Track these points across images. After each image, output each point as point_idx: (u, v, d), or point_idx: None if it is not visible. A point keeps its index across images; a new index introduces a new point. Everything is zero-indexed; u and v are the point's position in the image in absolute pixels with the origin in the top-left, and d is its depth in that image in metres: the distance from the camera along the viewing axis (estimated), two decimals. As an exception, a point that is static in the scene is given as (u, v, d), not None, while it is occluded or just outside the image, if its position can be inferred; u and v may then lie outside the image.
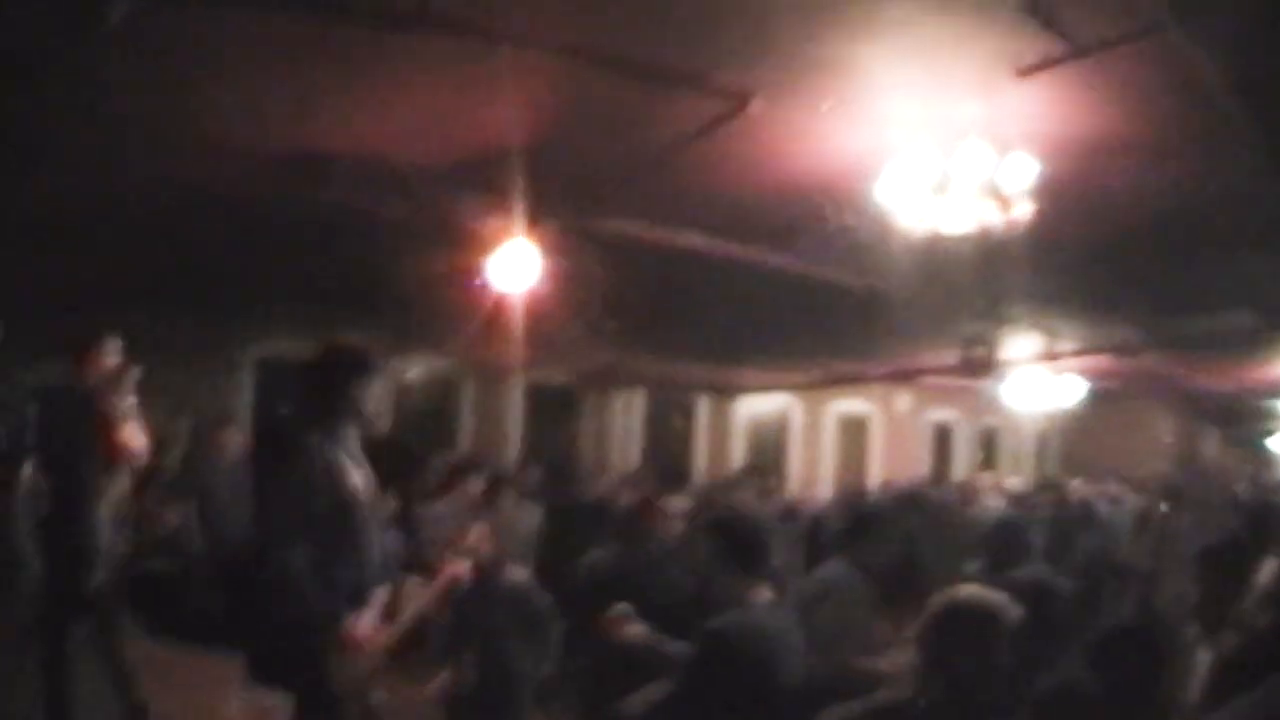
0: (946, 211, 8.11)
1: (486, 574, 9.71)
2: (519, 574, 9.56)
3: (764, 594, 6.86)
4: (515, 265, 10.85)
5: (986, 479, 18.63)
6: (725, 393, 20.82)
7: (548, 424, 19.56)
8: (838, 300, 12.67)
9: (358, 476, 6.11)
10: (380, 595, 6.61)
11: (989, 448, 23.62)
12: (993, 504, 15.20)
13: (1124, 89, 7.56)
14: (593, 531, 11.06)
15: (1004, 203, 7.96)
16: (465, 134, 9.28)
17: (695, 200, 10.49)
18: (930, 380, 20.03)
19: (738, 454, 20.93)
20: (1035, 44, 7.10)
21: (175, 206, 10.67)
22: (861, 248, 9.91)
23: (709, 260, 11.98)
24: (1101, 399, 19.52)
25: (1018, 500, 15.68)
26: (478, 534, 10.68)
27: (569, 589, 9.23)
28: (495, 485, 13.33)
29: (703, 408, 20.91)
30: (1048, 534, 11.19)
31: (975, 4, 6.84)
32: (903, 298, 11.76)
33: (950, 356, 17.19)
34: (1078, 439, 22.35)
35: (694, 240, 11.61)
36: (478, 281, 11.08)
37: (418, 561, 11.04)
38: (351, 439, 6.21)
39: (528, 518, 13.06)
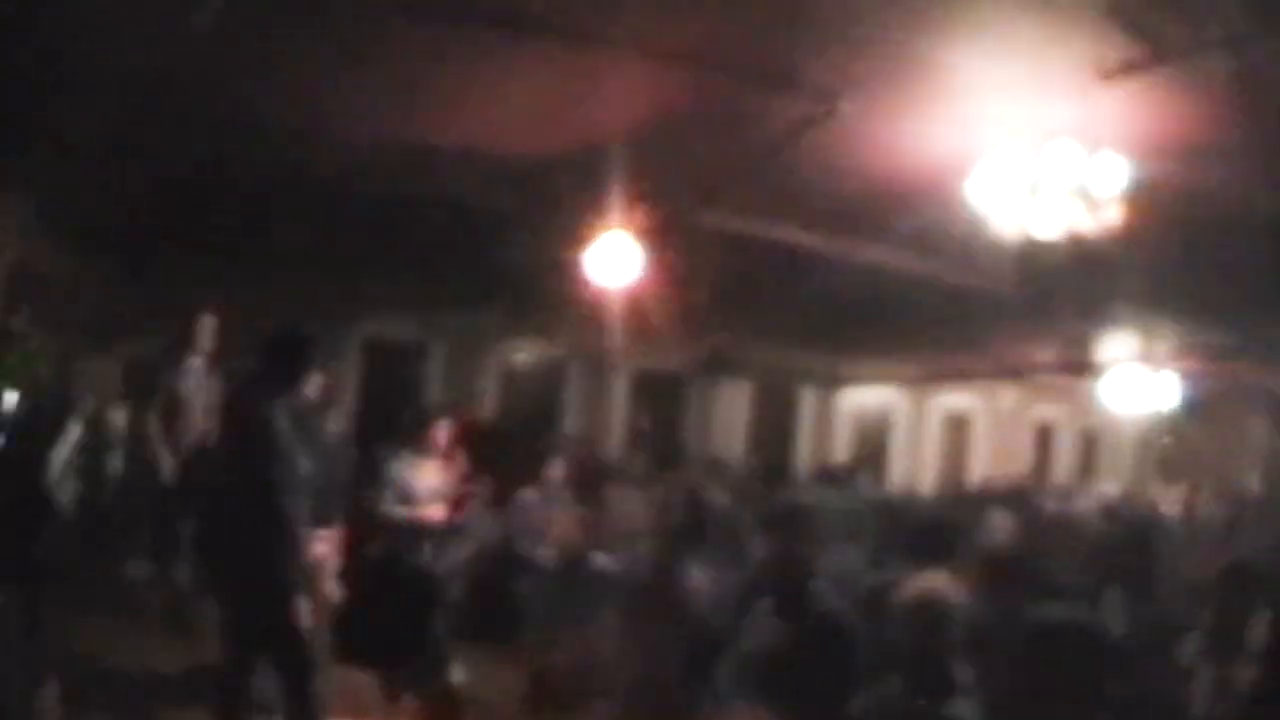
0: (1037, 213, 8.13)
1: (573, 560, 9.92)
2: (605, 561, 9.70)
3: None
4: (617, 256, 11.01)
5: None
6: (830, 384, 20.80)
7: (653, 412, 19.60)
8: (939, 296, 12.68)
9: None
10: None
11: (1089, 448, 23.31)
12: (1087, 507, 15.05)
13: (1208, 94, 7.57)
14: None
15: (1094, 205, 7.97)
16: (570, 130, 9.50)
17: (794, 195, 10.57)
18: (1035, 378, 19.89)
19: (841, 447, 20.92)
20: (1120, 48, 7.15)
21: (292, 194, 10.98)
22: (959, 245, 9.93)
23: (811, 254, 12.07)
24: (1198, 403, 19.23)
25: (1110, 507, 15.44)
26: (566, 521, 10.92)
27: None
28: (594, 473, 13.42)
29: (807, 399, 20.92)
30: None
31: (1061, 7, 6.90)
32: (1002, 295, 11.75)
33: (1051, 354, 17.12)
34: (1174, 444, 22.04)
35: (796, 234, 11.72)
36: (583, 271, 11.25)
37: (510, 548, 11.28)
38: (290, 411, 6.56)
39: (629, 505, 13.09)
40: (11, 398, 10.11)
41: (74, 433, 10.31)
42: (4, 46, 8.10)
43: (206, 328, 9.94)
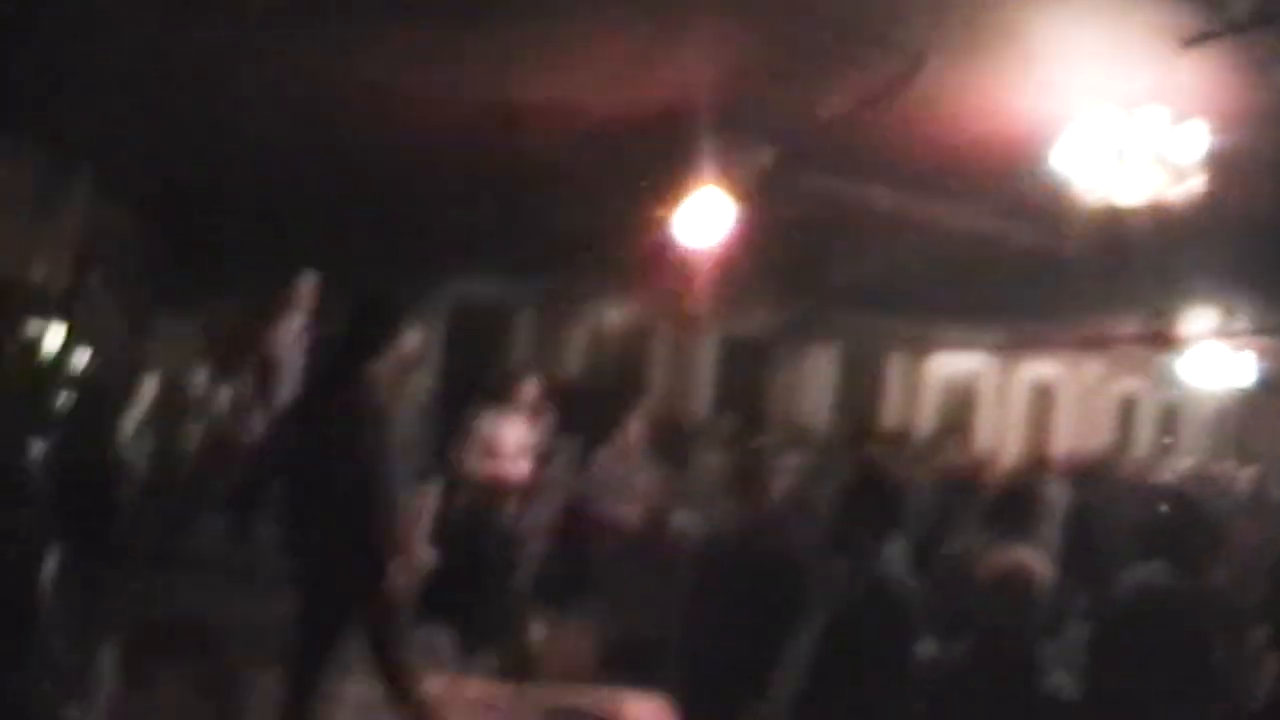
0: (1122, 181, 8.06)
1: (653, 523, 9.97)
2: (687, 521, 9.72)
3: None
4: (706, 216, 10.98)
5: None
6: (918, 350, 20.73)
7: (739, 375, 19.62)
8: (1025, 262, 12.60)
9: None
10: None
11: (1170, 422, 23.07)
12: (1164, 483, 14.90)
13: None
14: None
15: (1177, 174, 7.89)
16: (658, 87, 9.45)
17: (881, 155, 10.49)
18: (1119, 350, 19.70)
19: (928, 411, 20.86)
20: (1200, 16, 7.09)
21: (376, 155, 11.07)
22: (1044, 211, 9.87)
23: (899, 216, 12.02)
24: (1275, 382, 18.96)
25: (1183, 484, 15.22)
26: (648, 481, 10.95)
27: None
28: (679, 435, 13.45)
29: (895, 365, 20.86)
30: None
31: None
32: (1087, 263, 11.65)
33: (1135, 327, 16.92)
34: (1254, 421, 21.73)
35: (884, 195, 11.67)
36: (670, 231, 11.25)
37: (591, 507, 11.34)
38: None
39: (715, 467, 13.07)
40: (83, 357, 10.23)
41: (148, 392, 10.45)
42: (72, 13, 8.23)
43: (307, 288, 10.00)
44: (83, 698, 6.10)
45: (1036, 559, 5.58)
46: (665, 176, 10.86)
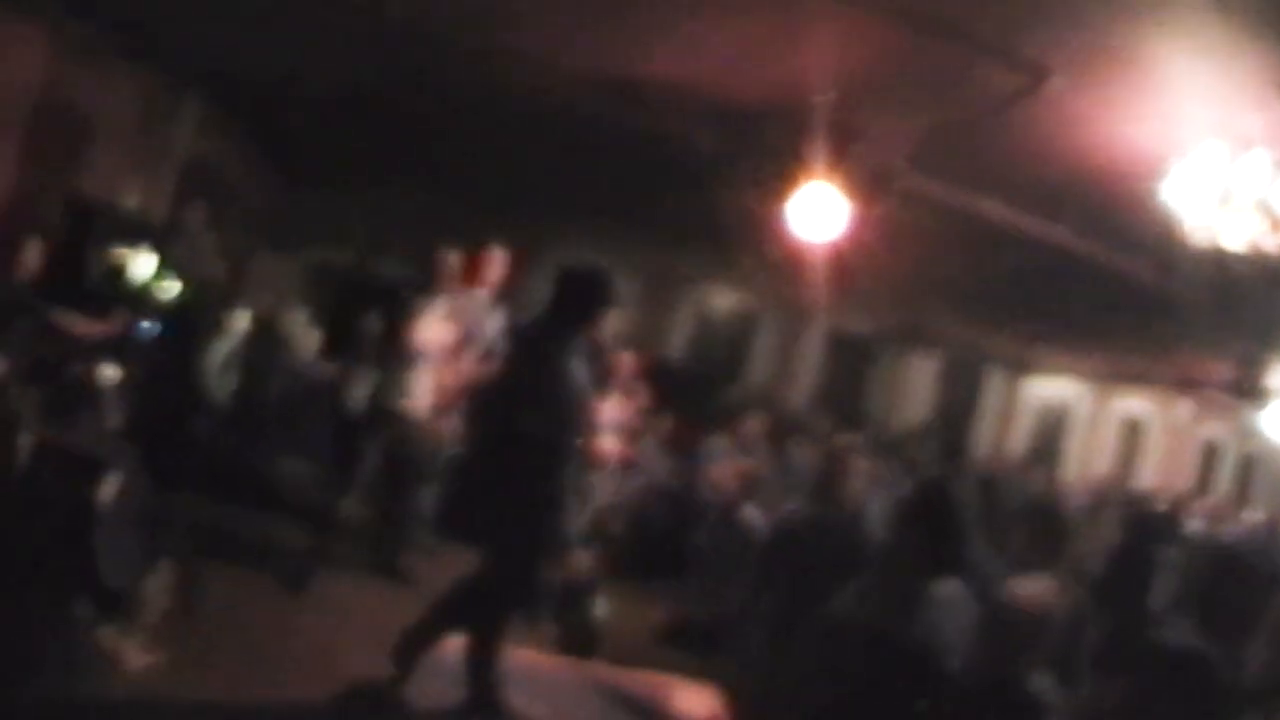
0: (1227, 223, 8.05)
1: (726, 510, 10.06)
2: (753, 514, 9.79)
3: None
4: (820, 210, 11.01)
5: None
6: (1017, 369, 20.63)
7: (841, 372, 19.63)
8: (1129, 293, 12.54)
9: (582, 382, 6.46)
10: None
11: (1248, 473, 22.75)
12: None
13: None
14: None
15: (1277, 223, 7.87)
16: (780, 75, 9.48)
17: (996, 168, 10.51)
18: (1209, 394, 19.51)
19: (1020, 433, 20.80)
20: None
21: (491, 116, 11.24)
22: (1153, 244, 9.85)
23: (1011, 231, 12.02)
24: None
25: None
26: (734, 469, 11.03)
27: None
28: (779, 427, 13.47)
29: (993, 381, 20.79)
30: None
31: (1260, 17, 6.84)
32: (1188, 303, 11.59)
33: (1226, 370, 16.75)
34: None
35: (998, 209, 11.67)
36: (785, 222, 11.31)
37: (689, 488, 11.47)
38: (581, 351, 6.52)
39: (807, 462, 13.02)
40: (174, 288, 10.39)
41: (238, 328, 10.62)
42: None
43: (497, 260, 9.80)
44: (128, 620, 6.21)
45: (1051, 593, 5.62)
46: (783, 167, 10.89)
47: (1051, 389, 21.21)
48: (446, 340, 8.95)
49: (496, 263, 9.24)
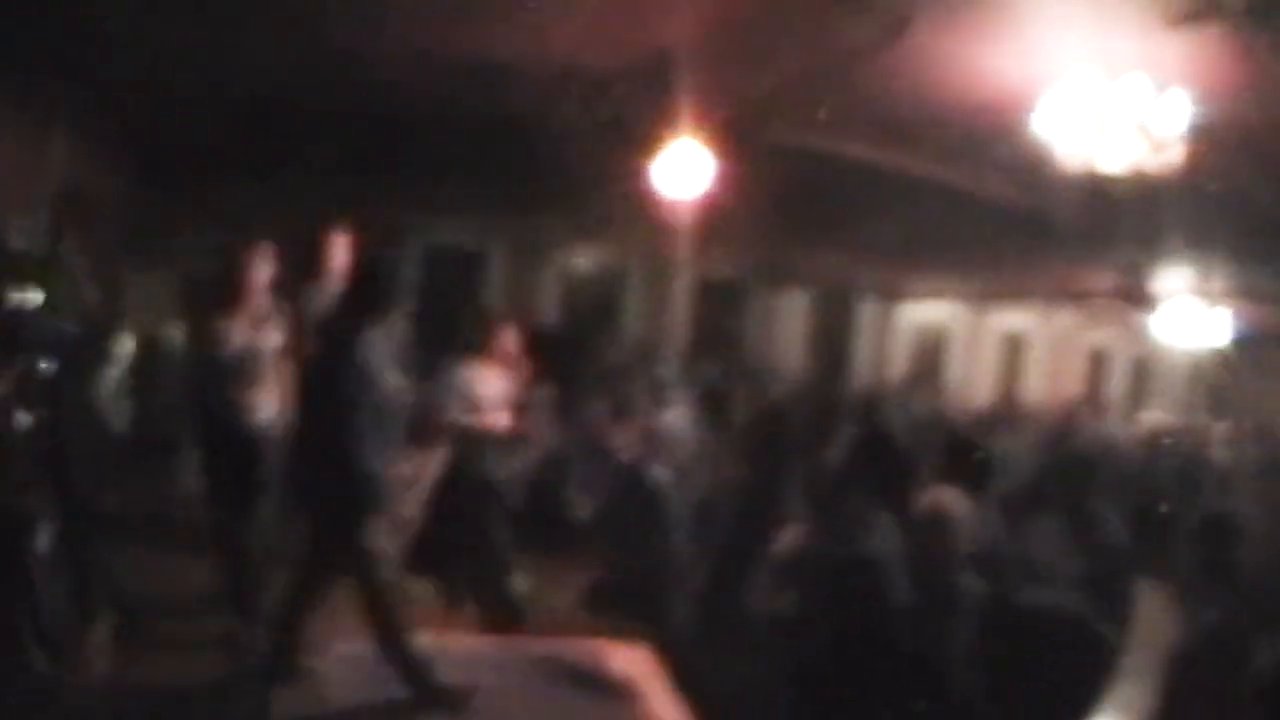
0: (1103, 147, 8.13)
1: (633, 473, 10.02)
2: (663, 474, 9.75)
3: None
4: (684, 165, 11.01)
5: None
6: (889, 298, 20.80)
7: (713, 319, 19.61)
8: (1001, 215, 12.69)
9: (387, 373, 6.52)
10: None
11: (1141, 378, 23.17)
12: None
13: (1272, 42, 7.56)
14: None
15: (1158, 144, 7.96)
16: (638, 36, 9.59)
17: (862, 111, 10.59)
18: (1091, 303, 19.86)
19: (898, 360, 20.96)
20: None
21: (351, 105, 11.07)
22: (1024, 168, 9.93)
23: (876, 169, 12.08)
24: (1249, 342, 19.13)
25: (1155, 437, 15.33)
26: (627, 434, 11.00)
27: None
28: (658, 388, 13.46)
29: (866, 312, 20.92)
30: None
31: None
32: (1064, 219, 11.75)
33: (1109, 280, 17.08)
34: (1223, 380, 21.84)
35: (862, 148, 11.73)
36: (647, 179, 11.27)
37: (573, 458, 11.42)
38: (383, 338, 6.58)
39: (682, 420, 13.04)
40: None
41: (124, 351, 10.39)
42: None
43: (339, 245, 9.57)
44: (76, 667, 6.10)
45: (957, 500, 5.80)
46: (645, 124, 10.85)
47: (927, 313, 21.37)
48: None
49: (339, 247, 9.08)
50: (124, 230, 13.24)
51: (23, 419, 7.11)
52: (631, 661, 7.49)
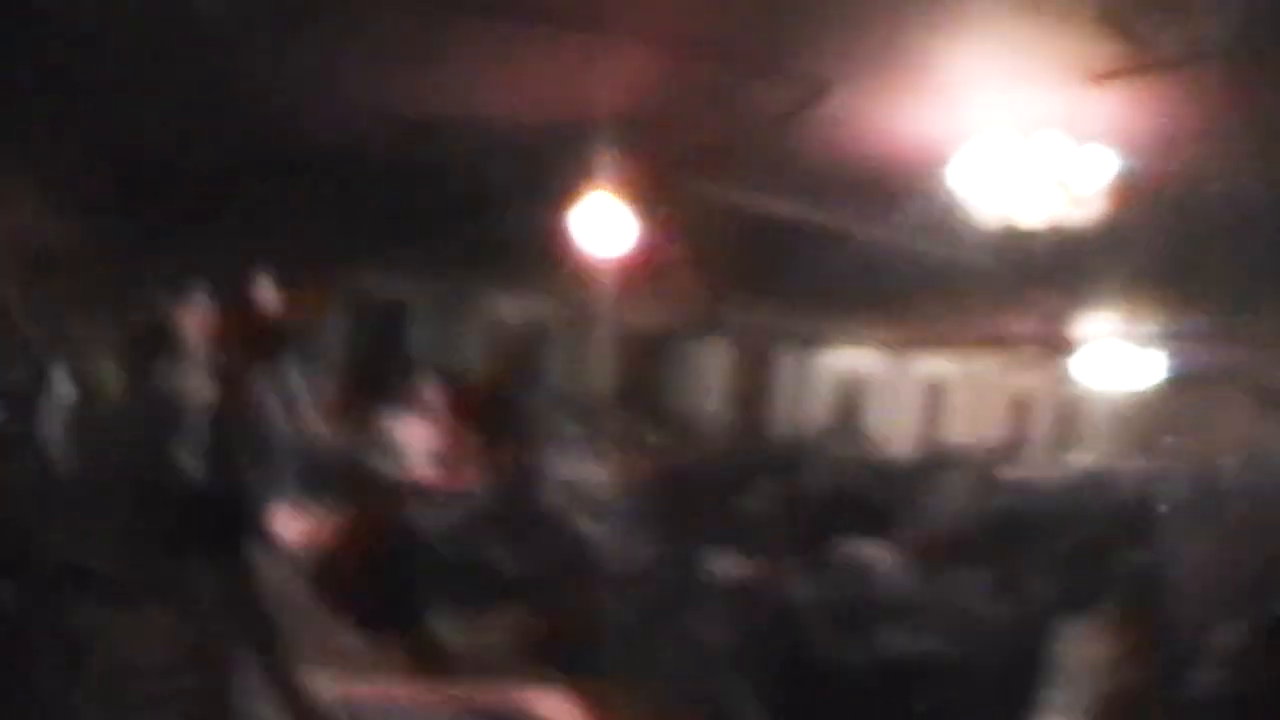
0: (1021, 202, 8.32)
1: (557, 524, 10.10)
2: (587, 524, 9.79)
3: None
4: (605, 220, 11.16)
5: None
6: (809, 347, 20.96)
7: (635, 370, 19.69)
8: (920, 266, 12.89)
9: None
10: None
11: (1067, 422, 23.44)
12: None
13: (1199, 96, 7.78)
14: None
15: (1077, 200, 8.15)
16: (564, 105, 9.73)
17: (783, 171, 10.82)
18: (1012, 350, 20.12)
19: (818, 409, 21.10)
20: (1110, 52, 7.33)
21: (282, 161, 11.13)
22: (940, 224, 10.14)
23: (797, 224, 12.27)
24: (1181, 381, 19.45)
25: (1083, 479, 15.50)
26: (556, 487, 11.09)
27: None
28: (569, 440, 13.49)
29: (787, 361, 21.06)
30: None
31: (1054, 7, 7.07)
32: (980, 270, 11.97)
33: (1029, 326, 17.35)
34: (1155, 422, 22.13)
35: (780, 204, 11.92)
36: (569, 234, 11.40)
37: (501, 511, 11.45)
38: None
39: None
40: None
41: (65, 391, 10.35)
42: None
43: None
44: None
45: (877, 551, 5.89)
46: (568, 183, 10.99)
47: (847, 361, 21.56)
48: None
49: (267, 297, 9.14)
50: (74, 274, 13.26)
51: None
52: (557, 708, 7.50)
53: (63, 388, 10.24)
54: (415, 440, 10.33)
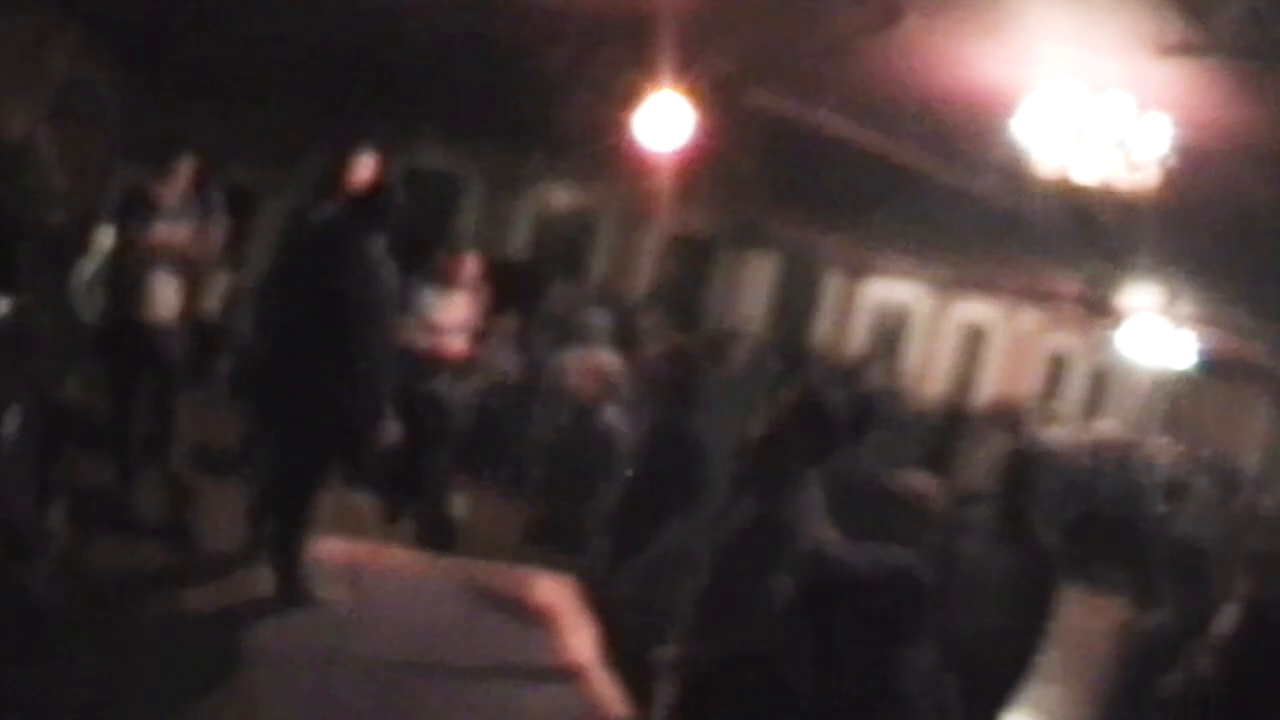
0: (1079, 158, 8.23)
1: (584, 412, 10.08)
2: (615, 416, 9.81)
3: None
4: (665, 119, 11.05)
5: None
6: (856, 272, 20.87)
7: (680, 271, 19.64)
8: (973, 206, 12.79)
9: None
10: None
11: (1098, 388, 23.27)
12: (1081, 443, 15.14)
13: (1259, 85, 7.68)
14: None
15: (1133, 164, 8.06)
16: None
17: (847, 91, 10.67)
18: (1055, 307, 19.98)
19: (859, 334, 21.03)
20: (1179, 28, 7.23)
21: (350, 30, 11.13)
22: (998, 168, 10.05)
23: (856, 148, 12.16)
24: (1209, 370, 19.29)
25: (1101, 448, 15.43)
26: (583, 372, 11.05)
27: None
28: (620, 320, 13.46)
29: (832, 283, 20.98)
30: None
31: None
32: (1033, 221, 11.87)
33: (1074, 286, 17.22)
34: (1181, 402, 21.97)
35: (841, 124, 11.80)
36: (629, 128, 11.32)
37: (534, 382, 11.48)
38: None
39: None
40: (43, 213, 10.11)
41: (103, 244, 10.35)
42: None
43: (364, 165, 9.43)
44: (33, 555, 6.09)
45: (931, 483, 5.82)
46: (630, 75, 10.90)
47: (892, 292, 21.44)
48: None
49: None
50: (118, 127, 13.26)
51: (2, 305, 7.08)
52: (554, 592, 7.55)
53: (102, 237, 10.27)
54: (450, 312, 10.29)
